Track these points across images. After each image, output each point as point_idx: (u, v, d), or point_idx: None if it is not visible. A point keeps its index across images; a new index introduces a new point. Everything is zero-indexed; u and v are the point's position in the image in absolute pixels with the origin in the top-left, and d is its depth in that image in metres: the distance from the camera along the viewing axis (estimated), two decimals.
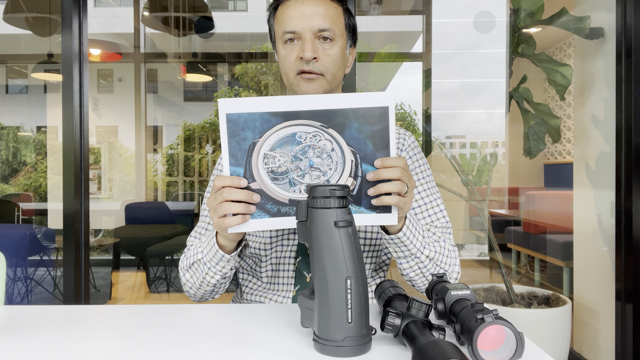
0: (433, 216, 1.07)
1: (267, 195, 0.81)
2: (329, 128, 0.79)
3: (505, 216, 4.38)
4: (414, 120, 5.17)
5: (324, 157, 0.80)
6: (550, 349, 1.98)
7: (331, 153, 0.80)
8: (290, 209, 0.82)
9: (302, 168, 0.81)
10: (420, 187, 1.08)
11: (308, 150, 0.80)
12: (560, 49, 4.89)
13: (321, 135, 0.79)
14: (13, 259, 3.15)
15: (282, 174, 0.81)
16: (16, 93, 6.94)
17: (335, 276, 0.63)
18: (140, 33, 5.12)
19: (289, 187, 0.81)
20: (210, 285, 0.98)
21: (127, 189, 5.95)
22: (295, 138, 0.79)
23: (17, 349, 0.67)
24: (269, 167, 0.81)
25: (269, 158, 0.80)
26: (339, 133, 0.79)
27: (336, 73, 1.04)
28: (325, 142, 0.80)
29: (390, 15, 5.01)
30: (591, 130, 2.33)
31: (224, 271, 0.95)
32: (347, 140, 0.79)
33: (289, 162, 0.81)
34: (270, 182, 0.81)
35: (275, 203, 0.81)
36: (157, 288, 3.91)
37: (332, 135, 0.79)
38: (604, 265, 2.22)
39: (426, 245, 0.95)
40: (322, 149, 0.80)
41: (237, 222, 0.80)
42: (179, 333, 0.74)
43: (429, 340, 0.56)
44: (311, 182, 0.81)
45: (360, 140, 0.79)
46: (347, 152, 0.80)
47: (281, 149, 0.80)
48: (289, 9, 1.01)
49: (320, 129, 0.79)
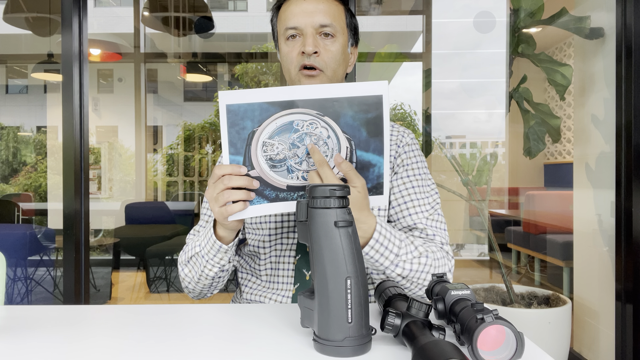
0: (422, 206, 1.03)
1: (265, 182, 0.83)
2: (325, 116, 0.81)
3: (505, 216, 4.37)
4: (414, 120, 5.17)
5: (321, 144, 0.82)
6: (550, 349, 1.97)
7: (327, 140, 0.82)
8: (287, 194, 0.84)
9: (300, 155, 0.83)
10: (414, 182, 1.05)
11: (305, 137, 0.82)
12: (560, 49, 4.89)
13: (317, 123, 0.81)
14: (13, 259, 3.15)
15: (280, 161, 0.83)
16: (16, 93, 6.94)
17: (335, 276, 0.63)
18: (140, 33, 5.12)
19: (287, 174, 0.83)
20: (209, 279, 0.99)
21: (127, 189, 5.95)
22: (292, 126, 0.81)
23: (17, 349, 0.67)
24: (268, 155, 0.82)
25: (268, 146, 0.82)
26: (334, 121, 0.81)
27: (337, 69, 1.04)
28: (321, 130, 0.81)
29: (390, 15, 5.01)
30: (591, 130, 2.33)
31: (222, 263, 0.95)
32: (342, 128, 0.81)
33: (286, 149, 0.82)
34: (268, 170, 0.83)
35: (274, 189, 0.83)
36: (157, 288, 3.91)
37: (327, 123, 0.81)
38: (604, 265, 2.22)
39: (399, 263, 0.90)
40: (318, 137, 0.82)
41: (238, 208, 0.82)
42: (179, 333, 0.74)
43: (429, 340, 0.56)
44: (309, 169, 0.83)
45: (354, 127, 0.81)
46: (343, 139, 0.82)
47: (279, 136, 0.81)
48: (290, 6, 1.03)
49: (317, 117, 0.81)
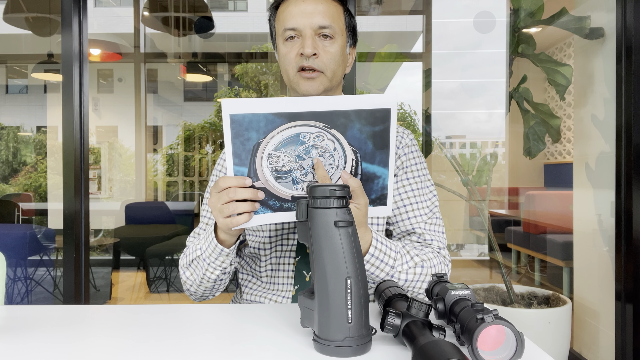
0: (421, 210, 1.05)
1: (270, 193, 0.83)
2: (332, 129, 0.80)
3: (505, 216, 4.37)
4: (414, 120, 5.17)
5: (327, 157, 0.82)
6: (550, 349, 1.97)
7: (333, 152, 0.82)
8: (292, 205, 0.84)
9: (305, 167, 0.82)
10: (414, 185, 1.06)
11: (311, 150, 0.81)
12: (560, 49, 4.89)
13: (324, 136, 0.81)
14: (13, 259, 3.15)
15: (285, 172, 0.82)
16: (16, 93, 6.93)
17: (335, 276, 0.63)
18: (140, 33, 5.12)
19: (292, 185, 0.83)
20: (211, 282, 0.99)
21: (127, 189, 5.95)
22: (299, 138, 0.80)
23: (17, 349, 0.67)
24: (273, 167, 0.81)
25: (273, 158, 0.81)
26: (341, 133, 0.81)
27: (336, 70, 1.03)
28: (327, 142, 0.81)
29: (390, 15, 5.01)
30: (591, 130, 2.33)
31: (224, 266, 0.95)
32: (349, 140, 0.81)
33: (292, 161, 0.82)
34: (274, 181, 0.82)
35: (278, 200, 0.83)
36: (157, 288, 3.90)
37: (334, 136, 0.81)
38: (604, 265, 2.22)
39: (394, 274, 0.94)
40: (324, 149, 0.81)
41: (243, 220, 0.82)
42: (179, 333, 0.74)
43: (429, 340, 0.56)
44: (314, 180, 0.83)
45: (361, 140, 0.81)
46: (349, 152, 0.82)
47: (285, 148, 0.81)
48: (289, 6, 1.02)
49: (324, 129, 0.80)
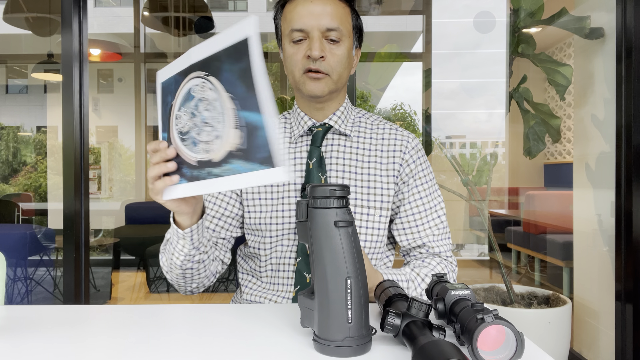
0: (431, 222, 1.08)
1: (181, 159, 0.79)
2: (210, 75, 0.71)
3: (505, 216, 4.37)
4: (414, 120, 5.17)
5: (211, 109, 0.72)
6: (550, 349, 1.97)
7: (215, 103, 0.71)
8: (200, 172, 0.75)
9: (198, 125, 0.74)
10: (423, 193, 1.08)
11: (199, 104, 0.74)
12: (560, 49, 4.88)
13: (206, 85, 0.72)
14: (13, 259, 3.14)
15: (186, 133, 0.77)
16: (16, 93, 6.93)
17: (335, 276, 0.63)
18: (140, 33, 5.12)
19: (193, 147, 0.76)
20: (178, 267, 0.97)
21: (127, 189, 5.95)
22: (190, 93, 0.75)
23: (17, 349, 0.67)
24: (178, 128, 0.78)
25: (178, 118, 0.78)
26: (217, 79, 0.70)
27: (342, 73, 1.03)
28: (209, 92, 0.72)
29: (390, 15, 5.01)
30: (591, 130, 2.33)
31: (185, 251, 0.93)
32: (225, 86, 0.70)
33: (188, 119, 0.76)
34: (180, 144, 0.79)
35: (189, 167, 0.78)
36: (157, 288, 3.90)
37: (213, 83, 0.71)
38: (604, 265, 2.22)
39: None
40: (209, 101, 0.72)
41: (161, 186, 0.80)
42: (179, 333, 0.74)
43: (429, 340, 0.56)
44: (206, 139, 0.73)
45: (233, 82, 0.68)
46: (226, 100, 0.69)
47: (184, 107, 0.76)
48: (297, 7, 1.00)
49: (205, 78, 0.72)
